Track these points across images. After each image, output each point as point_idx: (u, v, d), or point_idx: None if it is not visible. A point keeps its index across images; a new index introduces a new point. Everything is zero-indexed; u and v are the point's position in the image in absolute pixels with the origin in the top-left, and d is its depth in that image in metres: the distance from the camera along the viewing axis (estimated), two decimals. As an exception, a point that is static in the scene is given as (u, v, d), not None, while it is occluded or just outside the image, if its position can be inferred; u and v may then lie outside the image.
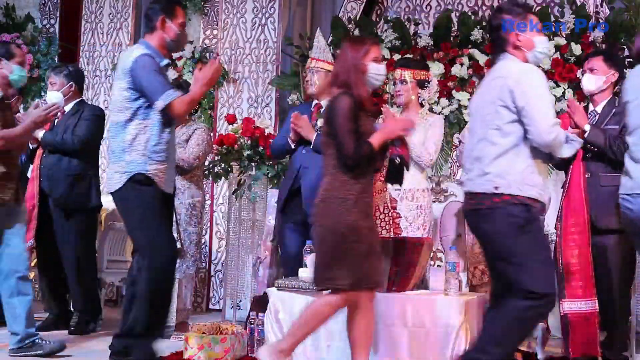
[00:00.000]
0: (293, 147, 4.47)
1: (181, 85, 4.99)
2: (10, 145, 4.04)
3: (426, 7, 6.19)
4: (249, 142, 5.28)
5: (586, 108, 4.13)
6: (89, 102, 6.00)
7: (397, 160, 3.33)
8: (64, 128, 4.89)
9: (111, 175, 3.66)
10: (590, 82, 4.07)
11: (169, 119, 3.67)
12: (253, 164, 5.40)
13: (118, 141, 3.63)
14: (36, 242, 4.99)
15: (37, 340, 4.00)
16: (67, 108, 5.00)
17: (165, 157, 3.68)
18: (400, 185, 3.66)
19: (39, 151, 5.00)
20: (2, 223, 4.02)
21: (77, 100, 5.08)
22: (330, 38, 6.06)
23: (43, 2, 7.17)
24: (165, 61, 3.78)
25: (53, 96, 4.88)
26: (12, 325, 4.00)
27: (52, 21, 7.15)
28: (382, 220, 4.19)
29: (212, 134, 5.08)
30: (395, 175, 3.39)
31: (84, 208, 4.96)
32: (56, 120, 4.93)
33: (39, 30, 7.07)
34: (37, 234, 4.96)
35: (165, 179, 3.70)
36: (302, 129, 4.36)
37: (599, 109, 4.09)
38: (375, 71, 3.35)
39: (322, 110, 4.45)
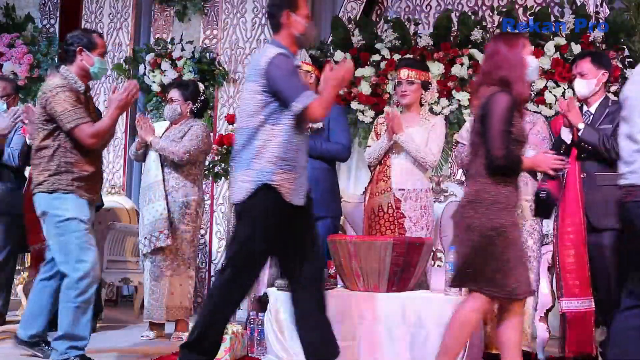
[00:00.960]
0: None
1: (182, 85, 4.98)
2: (102, 140, 3.87)
3: (426, 7, 6.20)
4: (249, 142, 5.28)
5: (580, 108, 4.11)
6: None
7: (543, 195, 3.28)
8: None
9: (236, 184, 3.38)
10: (582, 86, 4.03)
11: (301, 123, 3.40)
12: (253, 164, 5.38)
13: (248, 148, 3.34)
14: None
15: (41, 343, 3.99)
16: None
17: (295, 165, 3.37)
18: (548, 219, 3.72)
19: None
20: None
21: None
22: (330, 38, 6.07)
23: (43, 2, 7.17)
24: (297, 61, 3.51)
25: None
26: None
27: (52, 21, 7.15)
28: (387, 220, 4.20)
29: (209, 132, 5.04)
30: (543, 210, 3.36)
31: None
32: None
33: (39, 30, 7.07)
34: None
35: (294, 189, 3.35)
36: None
37: (592, 109, 4.07)
38: (535, 65, 3.20)
39: None
